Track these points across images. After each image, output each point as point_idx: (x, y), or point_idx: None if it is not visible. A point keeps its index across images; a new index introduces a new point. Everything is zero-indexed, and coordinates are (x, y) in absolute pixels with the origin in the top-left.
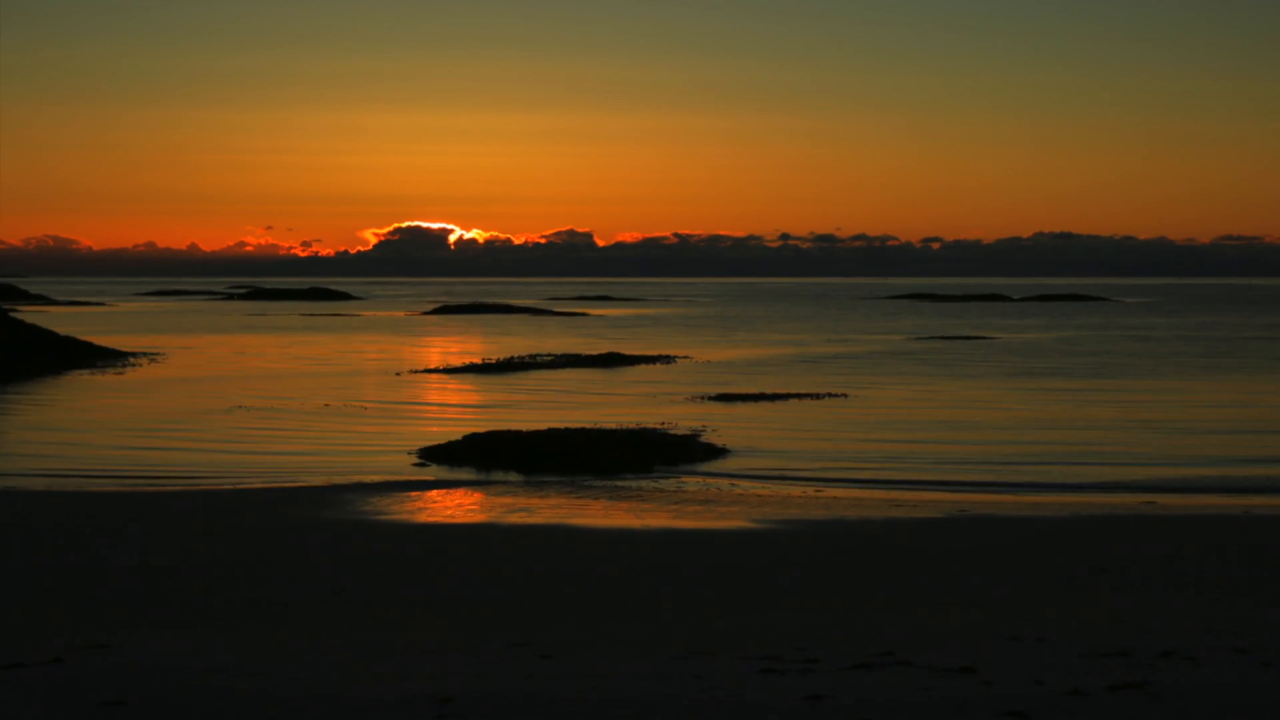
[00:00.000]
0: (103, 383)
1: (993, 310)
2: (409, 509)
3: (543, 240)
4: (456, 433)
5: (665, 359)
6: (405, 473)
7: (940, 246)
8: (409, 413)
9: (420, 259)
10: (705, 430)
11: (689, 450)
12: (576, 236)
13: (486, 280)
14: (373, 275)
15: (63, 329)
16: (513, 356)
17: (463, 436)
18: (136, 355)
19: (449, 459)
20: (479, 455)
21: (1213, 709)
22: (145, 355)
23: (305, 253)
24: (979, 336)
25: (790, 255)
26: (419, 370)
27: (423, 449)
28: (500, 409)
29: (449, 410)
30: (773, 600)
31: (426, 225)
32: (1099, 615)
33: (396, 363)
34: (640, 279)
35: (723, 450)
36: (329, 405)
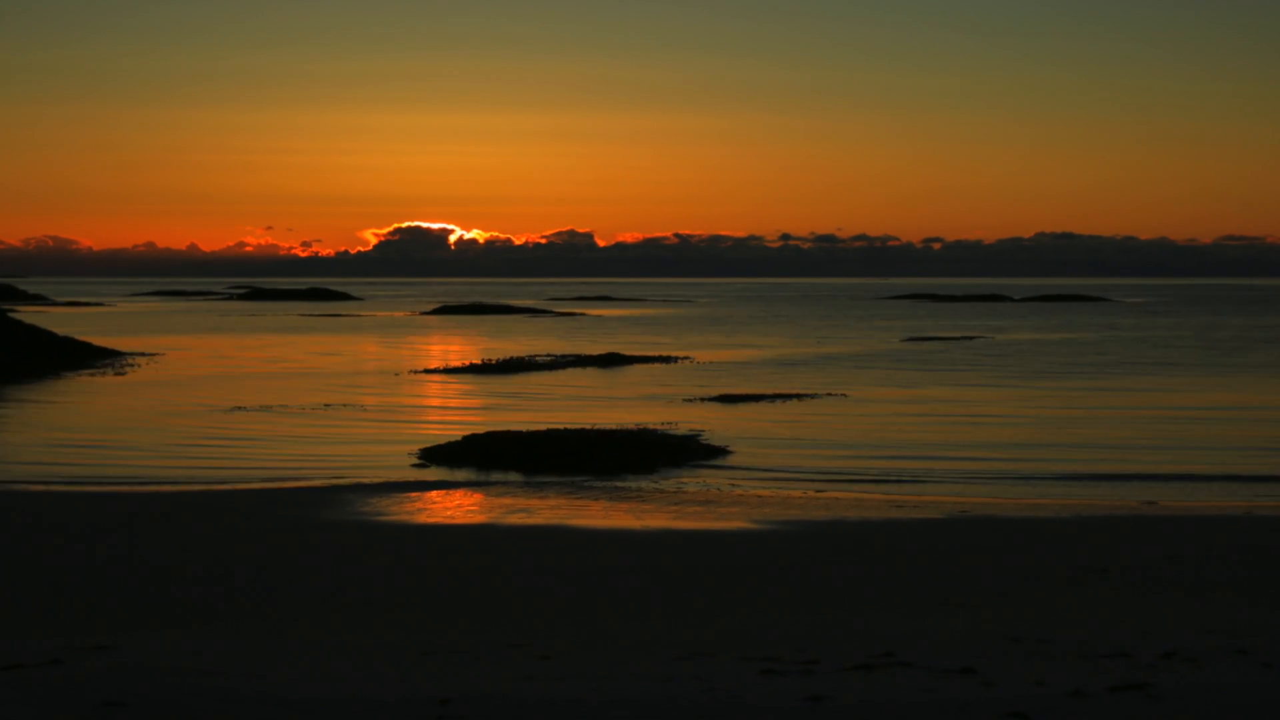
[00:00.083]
0: (101, 383)
1: (993, 310)
2: (409, 509)
3: (543, 240)
4: (456, 433)
5: (665, 359)
6: (405, 473)
7: (941, 247)
8: (409, 413)
9: (420, 259)
10: (705, 431)
11: (689, 451)
12: (577, 237)
13: (487, 280)
14: (373, 275)
15: (61, 329)
16: (513, 357)
17: (462, 437)
18: (135, 355)
19: (449, 459)
20: (479, 456)
21: (1214, 710)
22: (144, 355)
23: (305, 253)
24: (980, 336)
25: (791, 256)
26: (419, 370)
27: (423, 449)
28: (500, 409)
29: (449, 411)
30: (773, 601)
31: (427, 225)
32: (1100, 616)
33: (396, 363)
34: (641, 279)
35: (723, 451)
36: (329, 405)
